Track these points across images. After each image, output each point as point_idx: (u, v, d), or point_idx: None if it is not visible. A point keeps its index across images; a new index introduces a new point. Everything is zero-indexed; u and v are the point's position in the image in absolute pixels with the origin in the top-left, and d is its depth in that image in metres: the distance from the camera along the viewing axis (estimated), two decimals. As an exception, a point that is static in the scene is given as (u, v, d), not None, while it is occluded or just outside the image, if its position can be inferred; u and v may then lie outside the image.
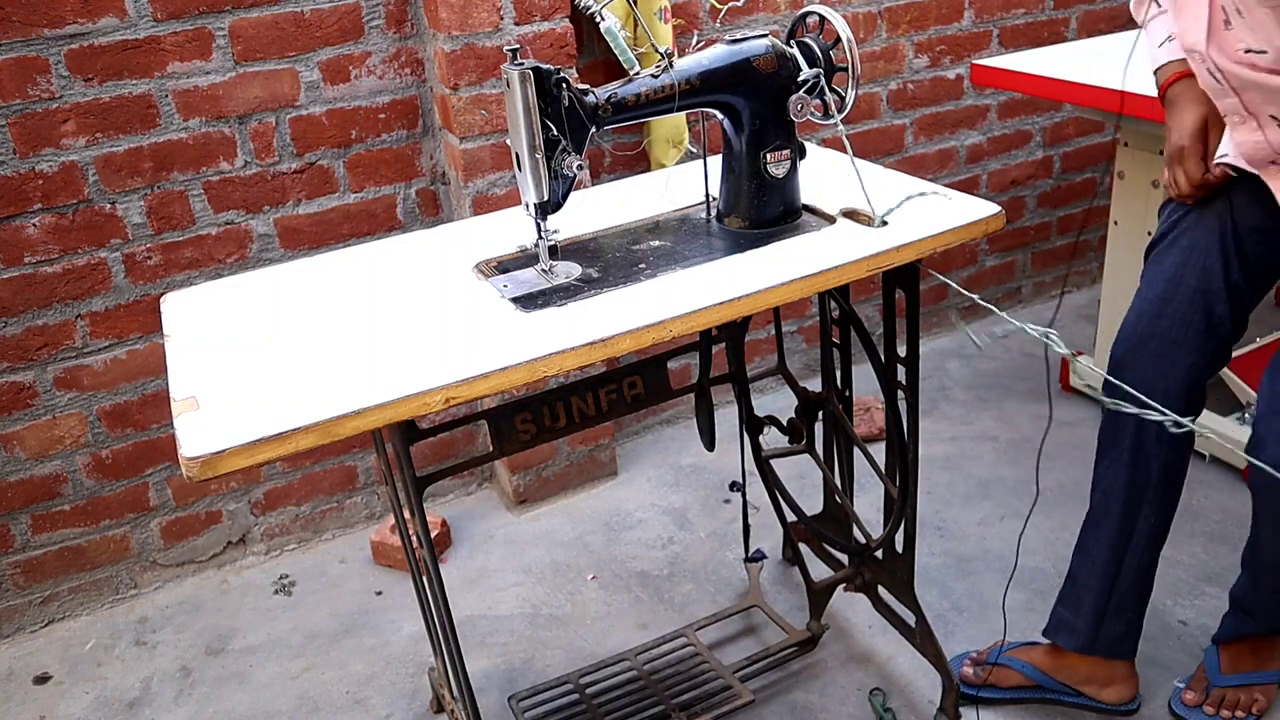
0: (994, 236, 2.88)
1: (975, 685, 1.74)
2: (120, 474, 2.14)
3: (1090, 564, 1.64)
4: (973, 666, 1.76)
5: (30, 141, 1.87)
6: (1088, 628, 1.65)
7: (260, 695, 1.92)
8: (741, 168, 1.42)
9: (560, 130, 1.26)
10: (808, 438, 1.83)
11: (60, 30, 1.83)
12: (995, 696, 1.73)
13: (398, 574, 2.21)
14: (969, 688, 1.74)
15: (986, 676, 1.73)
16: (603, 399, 1.59)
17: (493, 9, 1.98)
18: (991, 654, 1.75)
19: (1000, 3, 2.73)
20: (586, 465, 2.43)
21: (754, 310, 1.27)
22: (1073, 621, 1.67)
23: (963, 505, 2.26)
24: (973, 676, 1.75)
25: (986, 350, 2.92)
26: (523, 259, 1.40)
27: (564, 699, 1.76)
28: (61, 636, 2.13)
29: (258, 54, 1.99)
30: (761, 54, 1.37)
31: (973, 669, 1.76)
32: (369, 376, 1.12)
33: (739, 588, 2.07)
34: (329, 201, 2.15)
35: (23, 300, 1.95)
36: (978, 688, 1.74)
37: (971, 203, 1.43)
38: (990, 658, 1.75)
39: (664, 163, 2.25)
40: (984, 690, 1.73)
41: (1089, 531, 1.65)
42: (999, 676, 1.73)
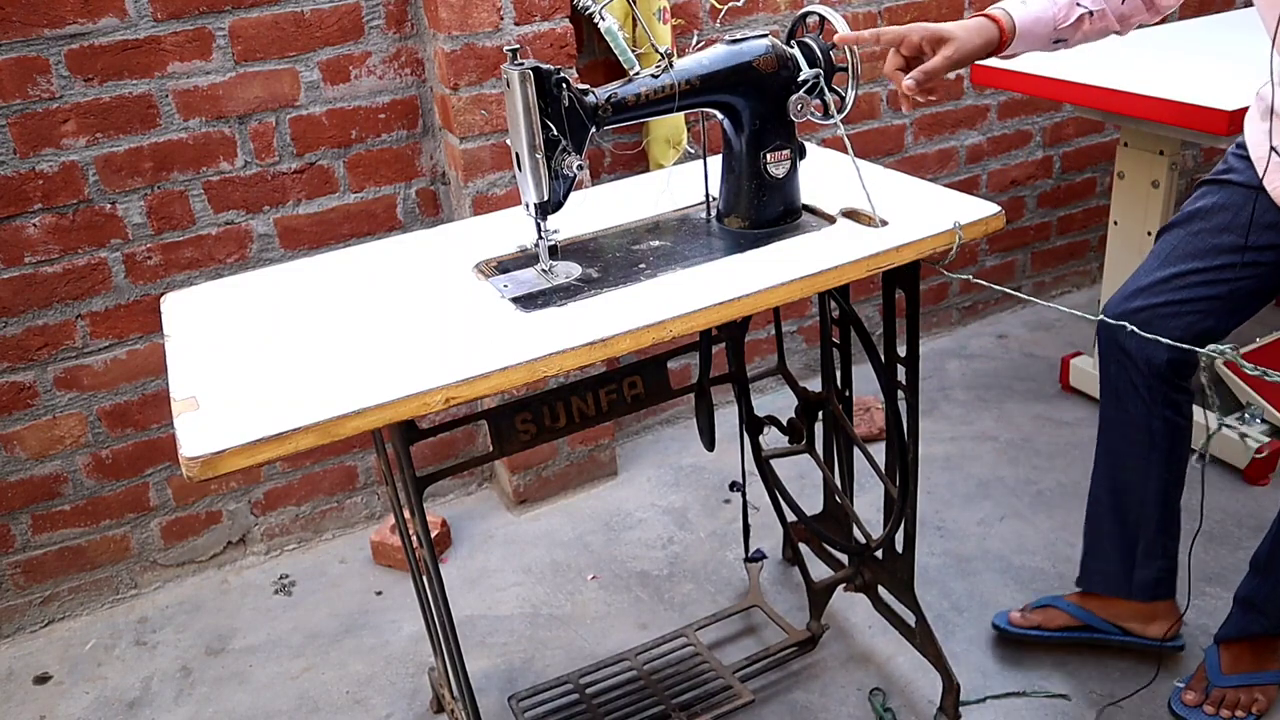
0: (994, 236, 2.89)
1: (1023, 628, 1.80)
2: (120, 474, 2.14)
3: (1107, 519, 1.70)
4: (1021, 611, 1.83)
5: (30, 141, 1.87)
6: (1119, 574, 1.71)
7: (260, 695, 1.92)
8: (741, 168, 1.42)
9: (560, 130, 1.26)
10: (808, 438, 1.83)
11: (60, 30, 1.83)
12: (1043, 637, 1.80)
13: (398, 574, 2.21)
14: (1016, 630, 1.81)
15: (1035, 620, 1.81)
16: (603, 399, 1.59)
17: (493, 9, 1.98)
18: (1039, 599, 1.83)
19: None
20: (586, 465, 2.43)
21: (754, 310, 1.27)
22: (1103, 569, 1.73)
23: (963, 505, 2.26)
24: (1020, 620, 1.81)
25: (986, 350, 2.92)
26: (523, 259, 1.40)
27: (564, 699, 1.76)
28: (61, 636, 2.13)
29: (258, 54, 1.99)
30: (761, 54, 1.37)
31: (1020, 613, 1.83)
32: (369, 376, 1.12)
33: (739, 588, 2.07)
34: (329, 201, 2.15)
35: (23, 300, 1.95)
36: (1025, 630, 1.80)
37: (971, 203, 1.43)
38: (1038, 601, 1.83)
39: (662, 163, 2.25)
40: (1032, 632, 1.80)
41: (1101, 488, 1.71)
42: (1046, 618, 1.80)
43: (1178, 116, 1.96)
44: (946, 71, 1.35)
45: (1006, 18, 1.39)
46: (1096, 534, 1.74)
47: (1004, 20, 1.39)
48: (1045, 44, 1.44)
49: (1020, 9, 1.40)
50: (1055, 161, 3.02)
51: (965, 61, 1.37)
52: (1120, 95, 2.06)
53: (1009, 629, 1.82)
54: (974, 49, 1.37)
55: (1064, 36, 1.44)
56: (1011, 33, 1.39)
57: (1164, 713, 1.70)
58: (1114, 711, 1.71)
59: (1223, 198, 1.56)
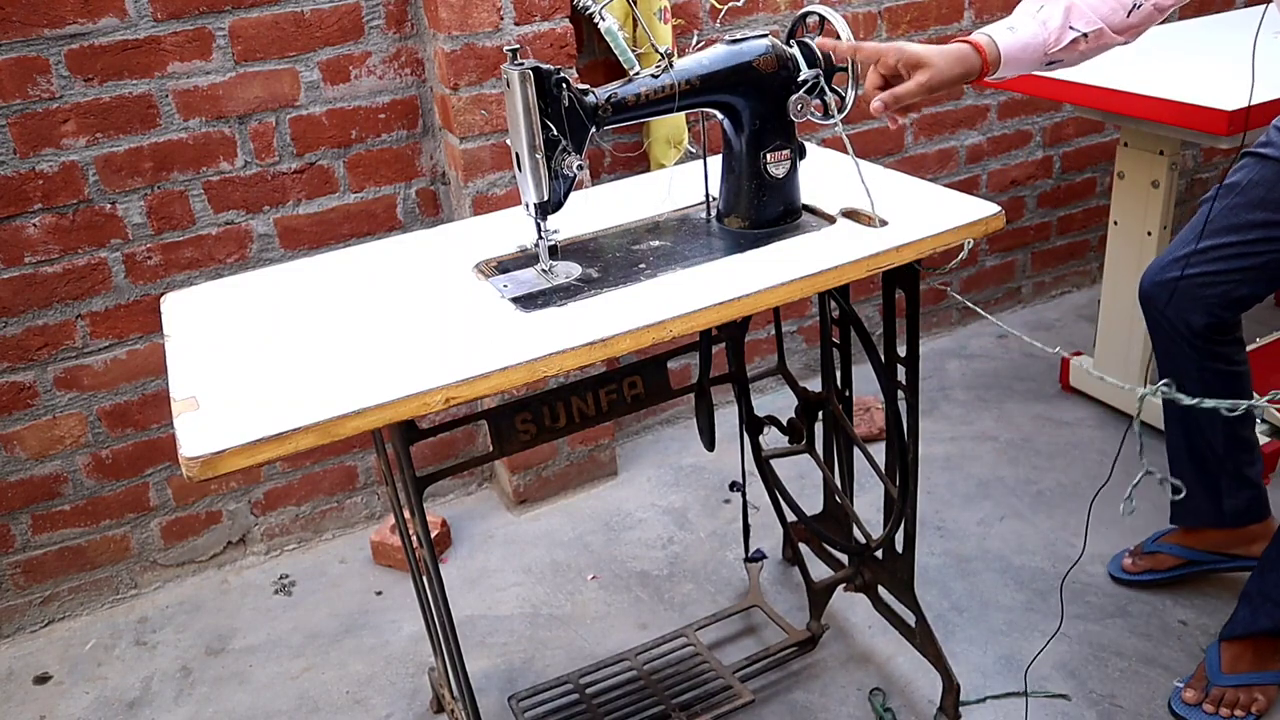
0: (994, 236, 2.89)
1: (1136, 573, 1.94)
2: (120, 474, 2.14)
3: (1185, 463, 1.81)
4: (1132, 558, 1.95)
5: (30, 141, 1.87)
6: (1210, 510, 1.82)
7: (260, 695, 1.92)
8: (741, 168, 1.42)
9: (560, 130, 1.26)
10: (808, 438, 1.83)
11: (60, 30, 1.83)
12: (1157, 578, 1.92)
13: (398, 574, 2.21)
14: (1131, 576, 1.94)
15: (1145, 565, 1.93)
16: (603, 399, 1.59)
17: (493, 9, 1.98)
18: (1145, 546, 1.95)
19: (1000, 3, 2.73)
20: (586, 465, 2.43)
21: (754, 310, 1.27)
22: (1194, 506, 1.83)
23: (963, 505, 2.26)
24: (1132, 566, 1.95)
25: (986, 350, 2.92)
26: (523, 259, 1.40)
27: (564, 699, 1.76)
28: (61, 636, 2.13)
29: (258, 54, 1.99)
30: (761, 54, 1.37)
31: (1131, 559, 1.95)
32: (369, 376, 1.12)
33: (739, 588, 2.07)
34: (329, 201, 2.15)
35: (23, 300, 1.95)
36: (1139, 574, 1.93)
37: (971, 203, 1.43)
38: (1145, 549, 1.94)
39: (663, 163, 2.25)
40: (1144, 575, 1.93)
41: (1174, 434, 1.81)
42: (1156, 562, 1.92)
43: (1178, 116, 1.96)
44: (918, 97, 1.33)
45: (991, 46, 1.35)
46: (1180, 475, 1.81)
47: (987, 49, 1.35)
48: (1038, 67, 1.41)
49: (1007, 36, 1.36)
50: (1055, 161, 3.02)
51: (940, 89, 1.34)
52: (1120, 95, 2.06)
53: (1125, 575, 1.95)
54: (951, 77, 1.34)
55: (1058, 59, 1.40)
56: (995, 63, 1.36)
57: (1164, 712, 1.70)
58: (1114, 711, 1.71)
59: (1259, 172, 1.62)
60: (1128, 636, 1.85)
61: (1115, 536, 2.07)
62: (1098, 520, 2.15)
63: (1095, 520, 2.15)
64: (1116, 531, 2.08)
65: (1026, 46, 1.36)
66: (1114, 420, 2.51)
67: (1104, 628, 1.86)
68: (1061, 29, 1.37)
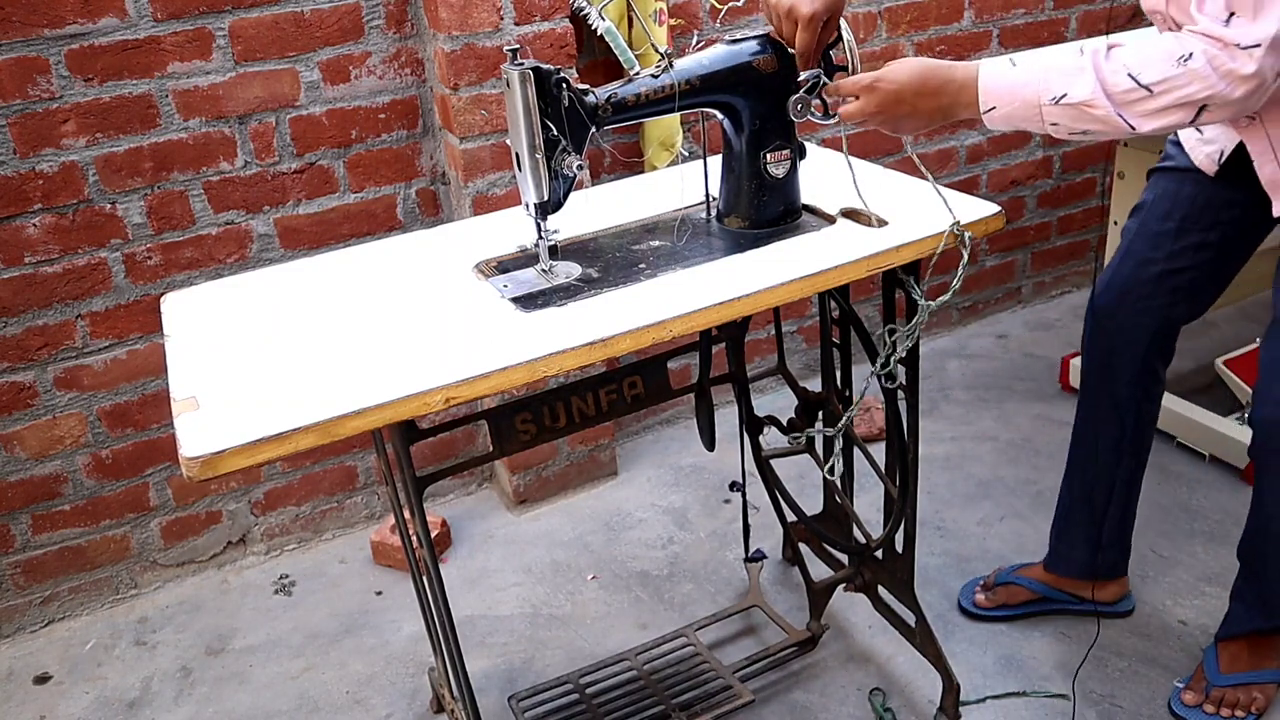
0: (994, 236, 2.89)
1: (990, 608, 1.91)
2: (120, 474, 2.14)
3: (1078, 507, 1.82)
4: (984, 592, 1.93)
5: (30, 141, 1.87)
6: (1085, 559, 1.84)
7: (260, 695, 1.92)
8: (741, 168, 1.42)
9: (560, 130, 1.26)
10: (807, 438, 1.83)
11: (60, 30, 1.83)
12: (1009, 614, 1.91)
13: (398, 574, 2.21)
14: (984, 611, 1.92)
15: (1000, 599, 1.91)
16: (603, 399, 1.59)
17: (493, 9, 1.98)
18: (999, 576, 1.93)
19: (1000, 3, 2.73)
20: (586, 465, 2.43)
21: (754, 310, 1.27)
22: (1069, 554, 1.86)
23: (963, 505, 2.26)
24: (985, 601, 1.91)
25: (986, 350, 2.92)
26: (523, 259, 1.40)
27: (564, 699, 1.76)
28: (61, 636, 2.13)
29: (258, 54, 1.99)
30: (761, 54, 1.37)
31: (984, 594, 1.93)
32: (369, 376, 1.12)
33: (739, 588, 2.07)
34: (329, 201, 2.15)
35: (23, 300, 1.95)
36: (992, 609, 1.91)
37: (971, 203, 1.43)
38: (999, 579, 1.93)
39: (655, 165, 2.24)
40: (998, 610, 1.91)
41: (1075, 478, 1.83)
42: (1009, 595, 1.91)
43: (1178, 116, 1.95)
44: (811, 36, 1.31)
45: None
46: (1068, 523, 1.86)
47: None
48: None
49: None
50: (1055, 161, 3.02)
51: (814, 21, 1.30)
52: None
53: (978, 611, 1.93)
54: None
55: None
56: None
57: (1164, 712, 1.70)
58: (1114, 711, 1.71)
59: (1163, 185, 1.64)
60: (1128, 636, 1.85)
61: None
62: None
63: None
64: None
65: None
66: (1114, 420, 2.51)
67: (1104, 628, 1.86)
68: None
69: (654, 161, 2.26)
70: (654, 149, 2.26)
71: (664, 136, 2.25)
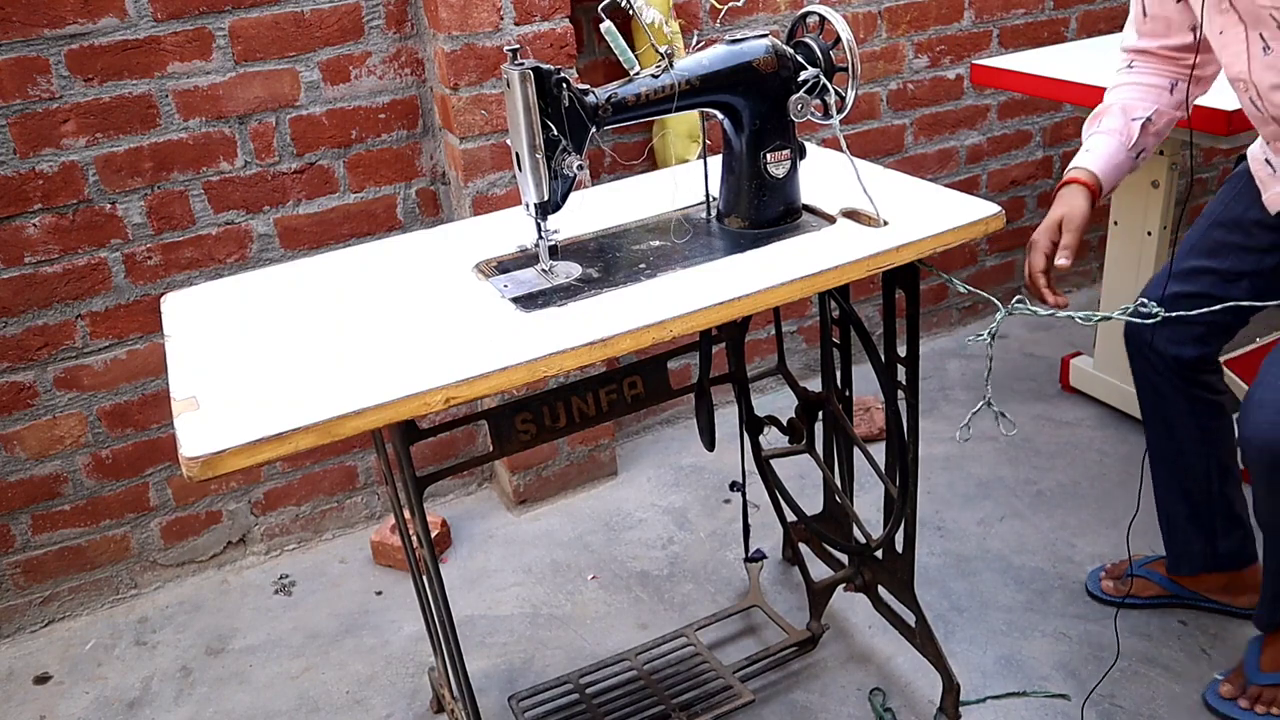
0: (994, 236, 2.88)
1: (1118, 597, 1.88)
2: (120, 474, 2.14)
3: (1178, 506, 1.79)
4: (1111, 580, 1.91)
5: (30, 141, 1.87)
6: (1203, 552, 1.80)
7: (260, 695, 1.92)
8: (741, 168, 1.42)
9: (560, 130, 1.26)
10: (808, 438, 1.83)
11: (60, 30, 1.83)
12: (1139, 603, 1.88)
13: (398, 574, 2.21)
14: (1111, 598, 1.89)
15: (1128, 589, 1.88)
16: (603, 399, 1.59)
17: (493, 9, 1.98)
18: (1133, 566, 1.89)
19: (1000, 3, 2.73)
20: (586, 465, 2.43)
21: (754, 310, 1.27)
22: (1186, 551, 1.82)
23: (963, 505, 2.26)
24: (1114, 589, 1.90)
25: (986, 350, 2.91)
26: (523, 259, 1.40)
27: (564, 699, 1.76)
28: (61, 636, 2.13)
29: (258, 54, 1.99)
30: (761, 54, 1.37)
31: (1112, 582, 1.91)
32: (369, 376, 1.12)
33: (739, 588, 2.07)
34: (329, 201, 2.15)
35: (23, 300, 1.95)
36: (1121, 598, 1.87)
37: (972, 203, 1.43)
38: (1132, 570, 1.89)
39: (686, 157, 2.22)
40: (1127, 599, 1.87)
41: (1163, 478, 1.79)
42: (1138, 588, 1.88)
43: (1178, 116, 1.96)
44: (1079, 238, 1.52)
45: (1088, 175, 1.54)
46: (1172, 523, 1.82)
47: (1087, 178, 1.54)
48: (1130, 165, 1.57)
49: (1089, 159, 1.55)
50: (1055, 161, 3.02)
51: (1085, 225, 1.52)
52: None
53: (1105, 597, 1.91)
54: (1085, 213, 1.52)
55: (1141, 147, 1.57)
56: (1097, 184, 1.54)
57: (1163, 712, 1.70)
58: (1114, 711, 1.71)
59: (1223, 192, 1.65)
60: (1127, 636, 1.85)
61: (1116, 537, 2.07)
62: (1099, 521, 2.15)
63: (1097, 521, 2.16)
64: (1117, 532, 2.08)
65: (1112, 156, 1.55)
66: (1114, 420, 2.51)
67: (1104, 628, 1.86)
68: (1126, 124, 1.55)
69: (683, 154, 2.24)
70: (681, 141, 2.25)
71: (689, 129, 2.24)
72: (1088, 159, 1.55)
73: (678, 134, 2.25)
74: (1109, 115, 1.57)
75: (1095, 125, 1.59)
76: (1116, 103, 1.58)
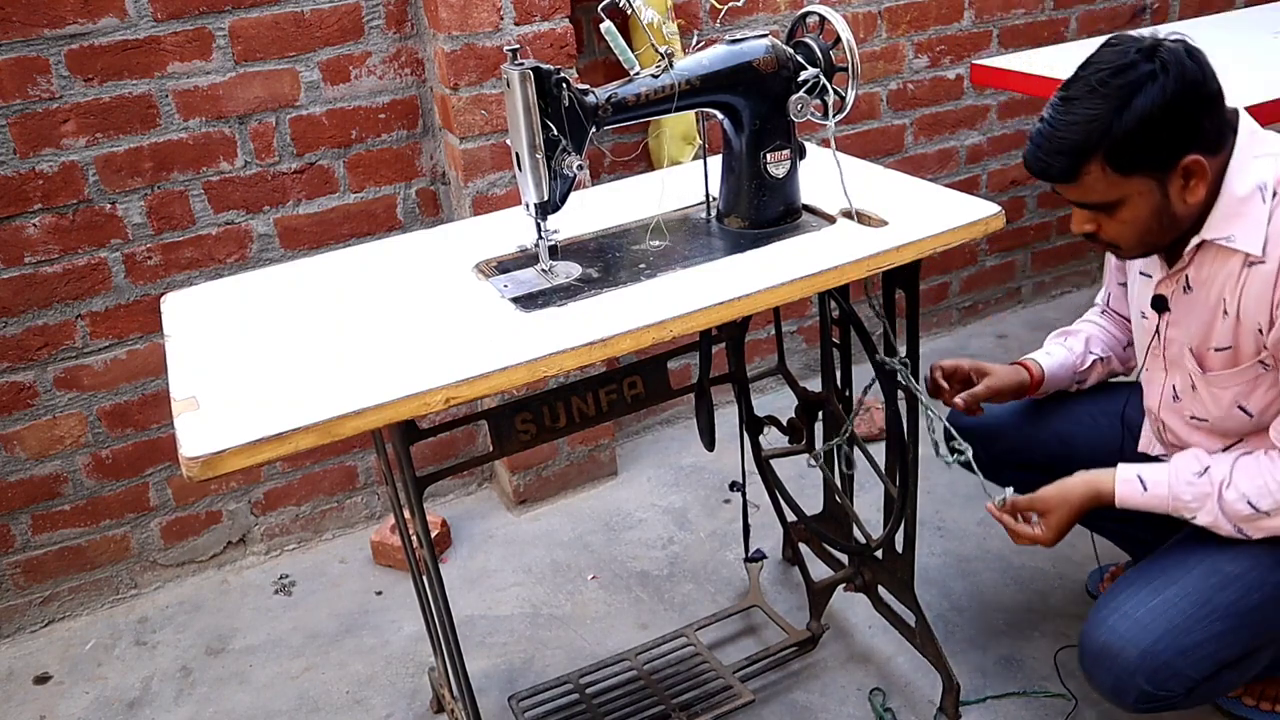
0: (994, 236, 2.88)
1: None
2: (120, 474, 2.14)
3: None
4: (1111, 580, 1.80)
5: (30, 141, 1.87)
6: None
7: (260, 695, 1.92)
8: (741, 168, 1.42)
9: (560, 130, 1.26)
10: (808, 438, 1.83)
11: (60, 30, 1.83)
12: None
13: (398, 574, 2.21)
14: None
15: None
16: (603, 399, 1.59)
17: (493, 9, 1.98)
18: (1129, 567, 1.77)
19: (1000, 3, 2.73)
20: (586, 465, 2.43)
21: (754, 310, 1.27)
22: None
23: (963, 505, 2.25)
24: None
25: (986, 351, 2.92)
26: (523, 259, 1.40)
27: (564, 699, 1.76)
28: (61, 636, 2.13)
29: (258, 54, 1.99)
30: (761, 54, 1.37)
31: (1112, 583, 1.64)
32: (369, 376, 1.12)
33: (739, 588, 2.07)
34: (329, 201, 2.15)
35: (23, 300, 1.95)
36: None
37: (972, 203, 1.43)
38: None
39: (679, 159, 2.22)
40: None
41: None
42: None
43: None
44: (984, 399, 1.64)
45: (1037, 367, 1.67)
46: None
47: (1035, 369, 1.67)
48: (1068, 385, 1.71)
49: (1047, 359, 1.68)
50: (1055, 161, 3.01)
51: (1000, 393, 1.64)
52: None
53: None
54: (1008, 385, 1.64)
55: (1083, 379, 1.70)
56: (1041, 378, 1.66)
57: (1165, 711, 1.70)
58: (1114, 711, 1.71)
59: None
60: (1128, 636, 1.85)
61: (1115, 536, 2.07)
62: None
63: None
64: (1116, 531, 2.08)
65: (1062, 366, 1.68)
66: (1114, 420, 2.50)
67: (1104, 628, 1.85)
68: (1084, 354, 1.69)
69: (676, 156, 2.24)
70: (675, 144, 2.25)
71: (685, 130, 2.24)
72: (1045, 358, 1.69)
73: (673, 135, 2.25)
74: (1074, 338, 1.72)
75: (1061, 340, 1.73)
76: (1085, 331, 1.72)
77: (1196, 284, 1.39)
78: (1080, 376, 1.70)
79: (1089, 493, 1.45)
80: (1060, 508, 1.46)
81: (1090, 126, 1.26)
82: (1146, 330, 1.51)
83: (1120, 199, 1.31)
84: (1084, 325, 1.74)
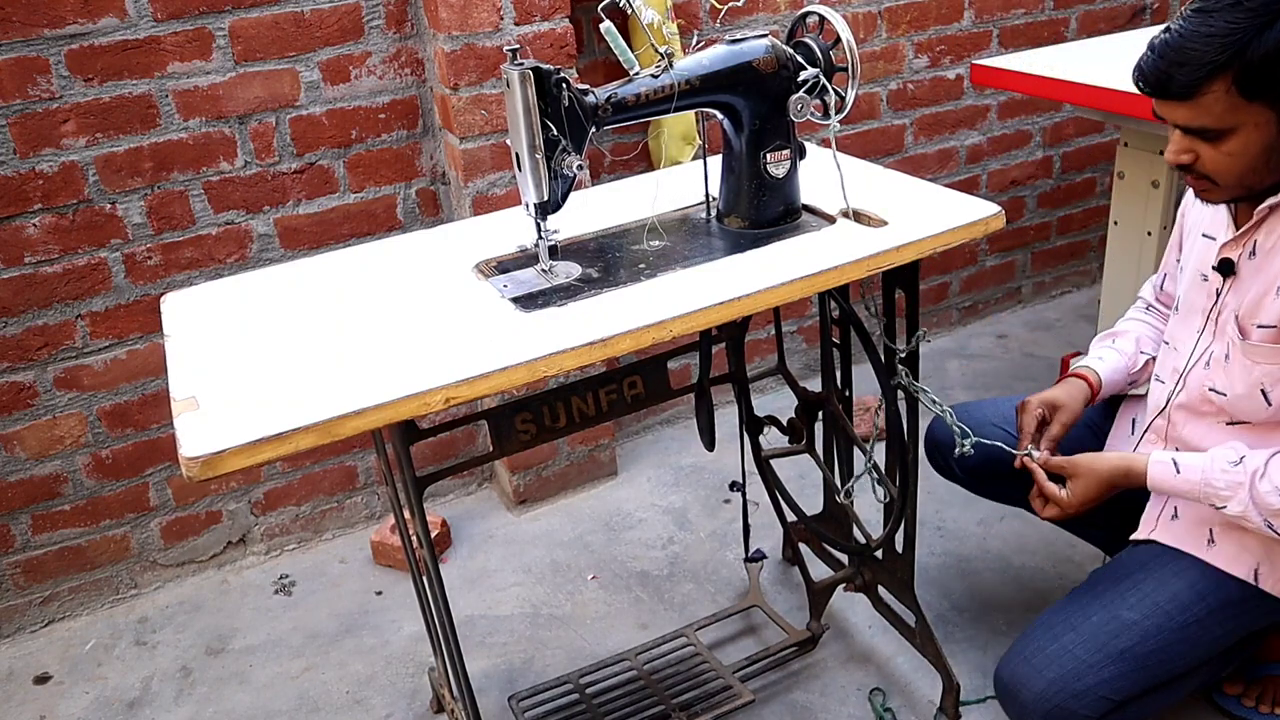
0: (994, 236, 2.88)
1: None
2: (120, 474, 2.14)
3: None
4: None
5: (30, 141, 1.87)
6: None
7: (260, 695, 1.92)
8: (741, 168, 1.42)
9: (560, 130, 1.26)
10: (808, 438, 1.83)
11: (60, 30, 1.83)
12: None
13: (398, 574, 2.21)
14: None
15: None
16: (603, 399, 1.59)
17: (493, 9, 1.98)
18: None
19: (1000, 3, 2.73)
20: (586, 465, 2.43)
21: (754, 310, 1.27)
22: None
23: (963, 505, 2.25)
24: None
25: (986, 350, 2.92)
26: (523, 259, 1.40)
27: (564, 699, 1.76)
28: (61, 636, 2.13)
29: (258, 54, 1.99)
30: (761, 54, 1.37)
31: None
32: (369, 376, 1.12)
33: (739, 588, 2.07)
34: (329, 201, 2.15)
35: (23, 300, 1.95)
36: None
37: (971, 203, 1.43)
38: None
39: (679, 159, 2.22)
40: None
41: None
42: None
43: (1178, 116, 1.95)
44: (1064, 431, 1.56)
45: (1095, 376, 1.61)
46: None
47: (1093, 378, 1.61)
48: (1123, 388, 1.66)
49: (1101, 364, 1.63)
50: (1055, 161, 3.02)
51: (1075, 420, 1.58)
52: (1120, 95, 2.05)
53: None
54: (1080, 409, 1.58)
55: (1135, 379, 1.65)
56: (1099, 387, 1.61)
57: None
58: (1114, 711, 1.71)
59: None
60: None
61: (1115, 536, 2.07)
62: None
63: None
64: (1116, 531, 2.08)
65: (1116, 370, 1.63)
66: (1114, 420, 2.50)
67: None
68: (1135, 354, 1.64)
69: (676, 156, 2.24)
70: (675, 144, 2.25)
71: (684, 130, 2.24)
72: (1098, 364, 1.62)
73: (673, 135, 2.25)
74: (1123, 338, 1.66)
75: (1109, 342, 1.67)
76: (1132, 331, 1.67)
77: (1261, 251, 1.33)
78: (1133, 377, 1.65)
79: (1120, 468, 1.44)
80: (1088, 475, 1.45)
81: (1227, 40, 1.16)
82: (1204, 292, 1.45)
83: (1233, 127, 1.22)
84: (1129, 324, 1.69)
